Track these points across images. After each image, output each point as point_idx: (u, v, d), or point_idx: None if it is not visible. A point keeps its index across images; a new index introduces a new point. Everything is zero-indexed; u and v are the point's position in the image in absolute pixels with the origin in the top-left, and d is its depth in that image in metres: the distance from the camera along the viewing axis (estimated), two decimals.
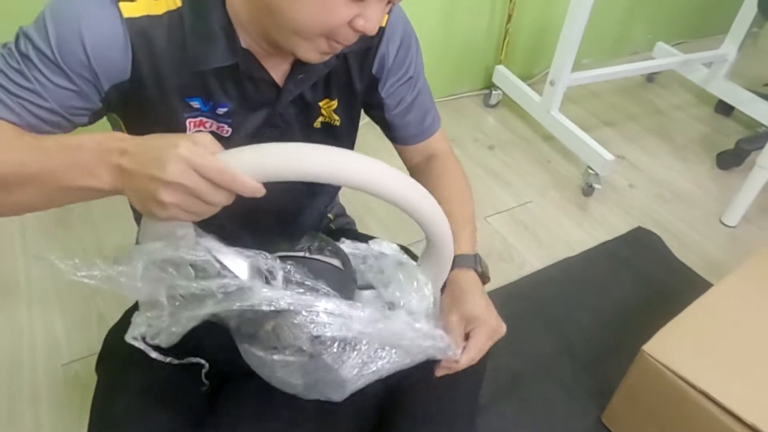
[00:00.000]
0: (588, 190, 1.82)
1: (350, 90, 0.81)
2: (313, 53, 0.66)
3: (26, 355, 1.23)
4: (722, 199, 1.85)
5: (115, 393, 0.78)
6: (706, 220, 1.80)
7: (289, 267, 0.57)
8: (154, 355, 0.63)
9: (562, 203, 1.81)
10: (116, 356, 0.82)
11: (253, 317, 0.56)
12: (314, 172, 0.51)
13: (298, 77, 0.74)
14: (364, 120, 0.87)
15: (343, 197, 1.07)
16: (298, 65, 0.73)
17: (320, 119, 0.82)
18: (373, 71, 0.81)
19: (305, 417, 0.82)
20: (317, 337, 0.55)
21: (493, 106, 2.21)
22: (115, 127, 0.76)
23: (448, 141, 0.95)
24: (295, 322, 0.54)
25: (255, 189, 0.51)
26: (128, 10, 0.62)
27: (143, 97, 0.67)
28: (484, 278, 0.77)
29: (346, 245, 0.72)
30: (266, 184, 0.51)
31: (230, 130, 0.74)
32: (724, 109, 2.31)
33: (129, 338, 0.60)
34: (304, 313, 0.54)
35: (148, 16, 0.63)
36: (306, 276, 0.57)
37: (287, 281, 0.56)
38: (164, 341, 0.59)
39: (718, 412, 0.96)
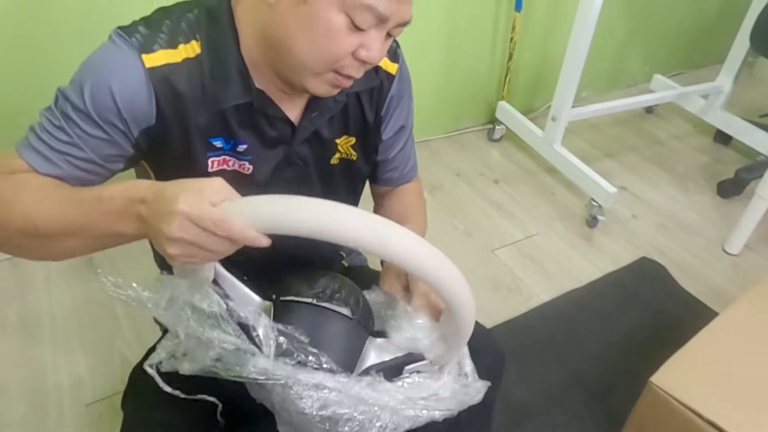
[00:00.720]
0: (592, 222, 1.87)
1: (365, 126, 0.86)
2: (322, 87, 0.71)
3: (52, 395, 1.27)
4: (724, 227, 1.89)
5: (141, 429, 0.81)
6: (708, 249, 1.84)
7: (287, 334, 0.59)
8: (165, 388, 0.67)
9: (567, 235, 1.86)
10: (141, 393, 0.85)
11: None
12: (317, 230, 0.50)
13: (312, 115, 0.78)
14: None
15: None
16: (312, 103, 0.78)
17: (338, 156, 0.86)
18: (381, 112, 0.86)
19: None
20: (304, 413, 0.57)
21: (497, 141, 2.27)
22: (141, 175, 0.81)
23: (419, 182, 1.03)
24: (290, 393, 0.57)
25: (254, 239, 0.54)
26: (149, 61, 0.67)
27: (169, 139, 0.72)
28: None
29: (376, 293, 0.75)
30: (280, 248, 0.54)
31: (251, 167, 0.78)
32: (723, 138, 2.37)
33: (146, 366, 0.64)
34: (293, 388, 0.56)
35: (167, 65, 0.68)
36: (303, 344, 0.59)
37: (283, 349, 0.59)
38: (185, 369, 0.63)
39: None
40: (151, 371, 0.66)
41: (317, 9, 0.63)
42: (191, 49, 0.70)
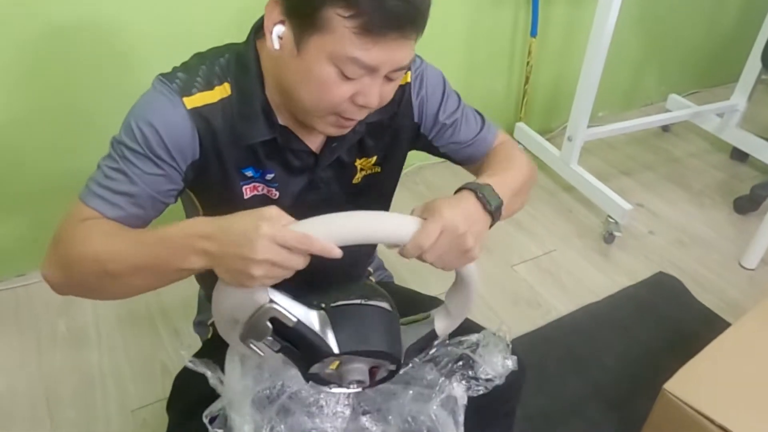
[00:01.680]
0: (609, 238, 1.92)
1: (394, 141, 0.90)
2: (328, 128, 0.76)
3: (99, 401, 1.37)
4: (740, 242, 1.93)
5: None
6: (725, 264, 1.88)
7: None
8: None
9: (584, 251, 1.91)
10: (185, 398, 0.94)
11: None
12: (370, 234, 0.65)
13: (332, 145, 0.84)
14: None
15: (381, 253, 1.20)
16: (332, 137, 0.82)
17: (360, 175, 0.92)
18: (415, 119, 0.90)
19: None
20: None
21: None
22: (186, 202, 0.89)
23: (506, 135, 0.99)
24: None
25: (331, 250, 0.63)
26: (190, 103, 0.75)
27: (210, 171, 0.80)
28: (486, 206, 0.74)
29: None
30: (311, 274, 0.65)
31: (277, 193, 0.86)
32: (740, 155, 2.40)
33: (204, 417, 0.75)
34: None
35: (206, 105, 0.76)
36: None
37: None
38: None
39: None
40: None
41: (309, 62, 0.68)
42: (224, 90, 0.77)
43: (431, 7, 0.70)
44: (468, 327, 0.88)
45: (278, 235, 0.62)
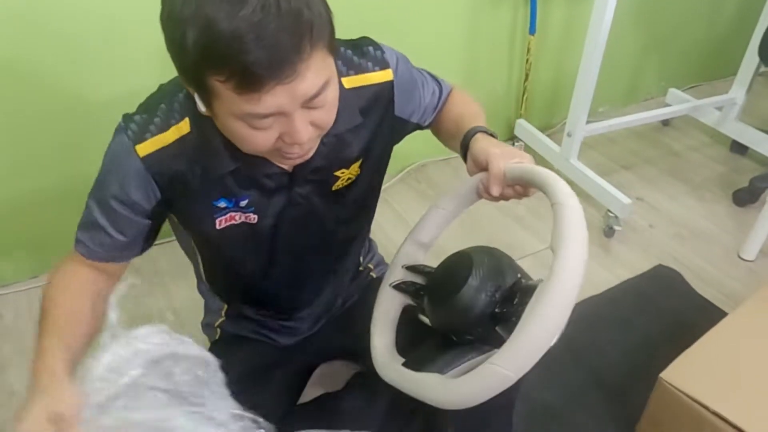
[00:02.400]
0: (609, 232, 1.95)
1: (369, 143, 0.90)
2: (282, 162, 0.79)
3: None
4: (740, 235, 1.95)
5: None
6: (724, 256, 1.90)
7: None
8: None
9: None
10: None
11: None
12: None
13: (304, 162, 0.81)
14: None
15: (382, 249, 1.23)
16: None
17: (339, 182, 0.90)
18: (396, 113, 0.91)
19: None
20: None
21: None
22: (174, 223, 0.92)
23: (456, 88, 1.06)
24: None
25: None
26: (143, 150, 0.77)
27: (178, 207, 0.83)
28: (494, 136, 0.88)
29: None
30: (302, 250, 0.77)
31: (256, 216, 0.86)
32: (740, 148, 2.42)
33: None
34: None
35: (160, 149, 0.77)
36: None
37: None
38: None
39: (732, 431, 1.06)
40: None
41: (223, 121, 0.69)
42: (183, 128, 0.77)
43: (432, 7, 0.70)
44: None
45: None
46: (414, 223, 0.90)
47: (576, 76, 1.97)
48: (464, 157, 0.90)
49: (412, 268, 0.89)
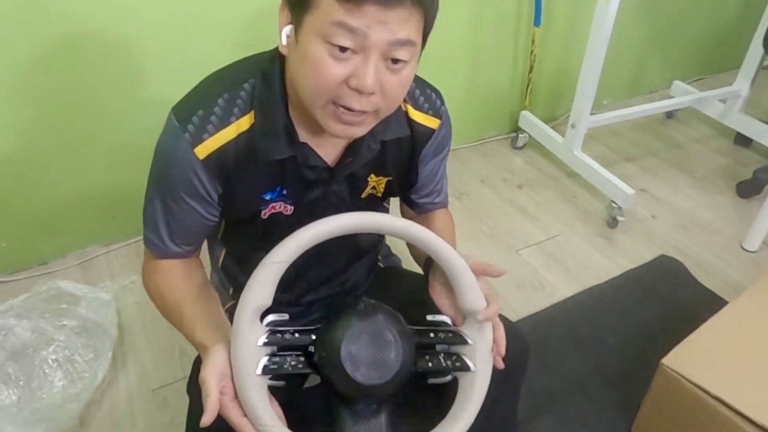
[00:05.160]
0: (612, 223, 1.96)
1: (401, 168, 0.96)
2: (332, 125, 0.76)
3: (122, 385, 1.43)
4: (742, 226, 1.96)
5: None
6: (727, 247, 1.91)
7: None
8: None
9: (588, 235, 1.96)
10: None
11: None
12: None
13: (347, 161, 0.87)
14: None
15: (389, 239, 1.24)
16: (348, 150, 0.87)
17: (368, 190, 0.96)
18: (418, 159, 0.96)
19: None
20: None
21: (521, 148, 2.38)
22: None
23: (449, 212, 1.11)
24: None
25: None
26: (201, 152, 0.79)
27: (232, 199, 0.86)
28: None
29: None
30: (320, 252, 0.74)
31: (291, 207, 0.90)
32: (743, 140, 2.43)
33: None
34: None
35: (219, 148, 0.79)
36: None
37: None
38: None
39: (732, 415, 1.08)
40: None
41: (305, 45, 0.70)
42: (244, 123, 0.80)
43: None
44: None
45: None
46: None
47: (580, 68, 1.98)
48: (426, 272, 0.93)
49: (276, 340, 0.75)
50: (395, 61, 0.71)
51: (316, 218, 0.88)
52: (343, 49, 0.68)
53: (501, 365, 0.83)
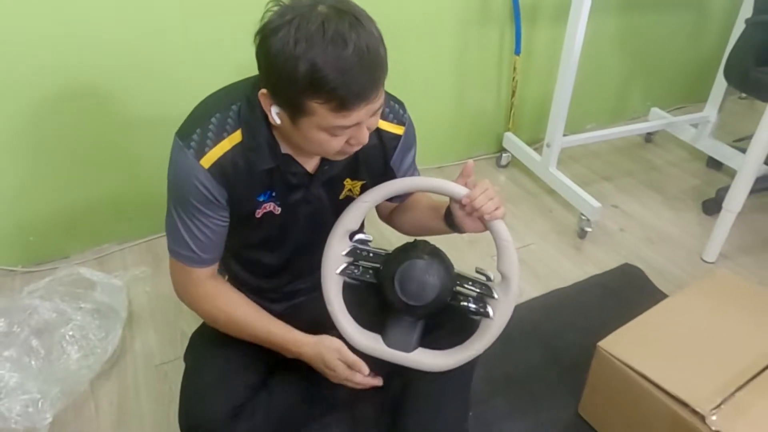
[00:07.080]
0: (582, 233, 2.13)
1: (376, 171, 1.14)
2: (335, 157, 0.98)
3: (129, 360, 1.62)
4: (705, 239, 2.10)
5: (202, 368, 1.13)
6: (688, 258, 2.06)
7: None
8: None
9: (560, 245, 2.12)
10: (198, 349, 1.20)
11: None
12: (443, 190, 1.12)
13: (324, 168, 1.06)
14: None
15: (374, 243, 1.41)
16: (324, 159, 1.05)
17: (345, 192, 1.14)
18: (391, 161, 1.14)
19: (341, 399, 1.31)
20: None
21: (504, 167, 2.57)
22: None
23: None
24: None
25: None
26: (207, 162, 0.95)
27: (235, 202, 1.04)
28: None
29: None
30: (313, 242, 1.09)
31: (279, 208, 1.09)
32: (715, 164, 2.59)
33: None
34: None
35: (220, 157, 0.95)
36: None
37: None
38: None
39: (656, 391, 1.21)
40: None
41: (305, 132, 0.89)
42: (236, 137, 0.96)
43: (426, 25, 0.94)
44: None
45: (343, 374, 1.07)
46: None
47: None
48: (448, 222, 1.16)
49: (356, 254, 1.10)
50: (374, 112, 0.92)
51: (300, 218, 1.13)
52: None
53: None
